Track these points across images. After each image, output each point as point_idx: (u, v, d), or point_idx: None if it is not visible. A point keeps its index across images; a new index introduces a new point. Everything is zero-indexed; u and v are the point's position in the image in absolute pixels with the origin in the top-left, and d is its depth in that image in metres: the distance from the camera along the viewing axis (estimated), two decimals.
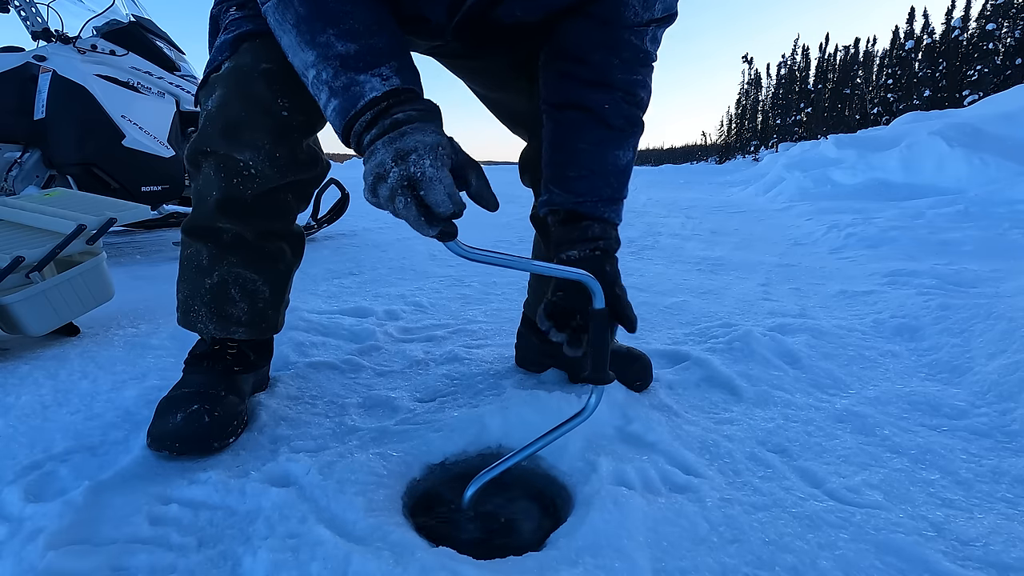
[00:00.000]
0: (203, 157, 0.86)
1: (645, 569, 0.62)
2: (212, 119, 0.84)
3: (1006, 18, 26.95)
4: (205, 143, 0.85)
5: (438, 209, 0.60)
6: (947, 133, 5.91)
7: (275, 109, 0.83)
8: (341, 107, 0.67)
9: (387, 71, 0.67)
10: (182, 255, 0.94)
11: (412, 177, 0.60)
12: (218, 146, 0.84)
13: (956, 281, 2.01)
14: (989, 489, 0.81)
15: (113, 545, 0.65)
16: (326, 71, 0.67)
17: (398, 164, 0.60)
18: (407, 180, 0.60)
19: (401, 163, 0.60)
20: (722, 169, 19.60)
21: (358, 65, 0.66)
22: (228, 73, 0.84)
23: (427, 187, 0.59)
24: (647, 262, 2.64)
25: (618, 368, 1.06)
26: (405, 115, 0.65)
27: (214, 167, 0.86)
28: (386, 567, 0.61)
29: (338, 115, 0.68)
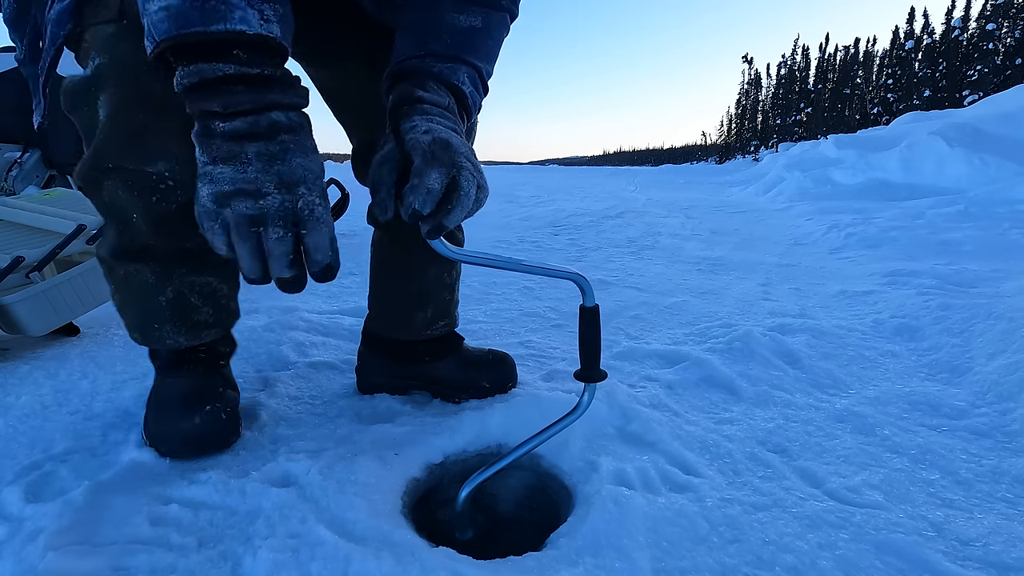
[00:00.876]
0: (105, 176, 0.70)
1: (645, 569, 0.62)
2: (106, 130, 0.68)
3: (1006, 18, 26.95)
4: (104, 159, 0.69)
5: (317, 256, 0.54)
6: (947, 133, 5.91)
7: (178, 103, 0.56)
8: (181, 13, 0.49)
9: (269, 10, 0.52)
10: (114, 278, 0.81)
11: (299, 214, 0.53)
12: (122, 160, 0.69)
13: (956, 281, 2.01)
14: (989, 489, 0.81)
15: (113, 545, 0.65)
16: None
17: (282, 192, 0.52)
18: (292, 216, 0.52)
19: (287, 193, 0.52)
20: (722, 169, 19.60)
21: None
22: (108, 71, 0.67)
23: (313, 229, 0.53)
24: (647, 262, 2.64)
25: (490, 372, 1.04)
26: (287, 118, 0.53)
27: (123, 185, 0.71)
28: (386, 567, 0.61)
29: (171, 18, 0.49)
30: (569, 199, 6.41)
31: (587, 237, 3.44)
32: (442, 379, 1.04)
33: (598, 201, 5.98)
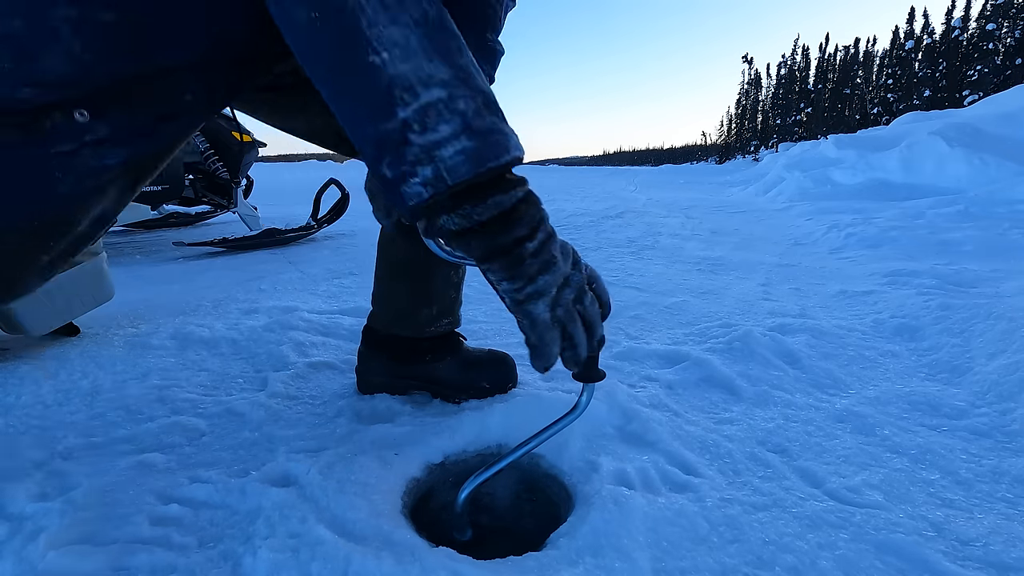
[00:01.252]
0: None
1: (645, 569, 0.62)
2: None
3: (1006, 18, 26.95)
4: None
5: (608, 300, 0.61)
6: (947, 133, 5.91)
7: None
8: (476, 151, 0.49)
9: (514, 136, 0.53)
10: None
11: (592, 276, 0.59)
12: None
13: (956, 281, 2.01)
14: (989, 489, 0.81)
15: (114, 545, 0.65)
16: (466, 101, 0.49)
17: (576, 269, 0.57)
18: (590, 279, 0.59)
19: (576, 269, 0.57)
20: (722, 169, 19.59)
21: (499, 113, 0.52)
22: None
23: (598, 278, 0.59)
24: (647, 262, 2.64)
25: (490, 373, 1.04)
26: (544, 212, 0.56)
27: None
28: (386, 567, 0.61)
29: (469, 161, 0.49)
30: (569, 199, 6.41)
31: (587, 237, 3.44)
32: (443, 379, 1.04)
33: (598, 201, 5.98)
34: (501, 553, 0.68)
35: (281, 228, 3.17)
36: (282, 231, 3.14)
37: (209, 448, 0.88)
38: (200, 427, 0.94)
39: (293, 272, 2.32)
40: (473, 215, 0.51)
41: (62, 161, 0.56)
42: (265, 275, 2.22)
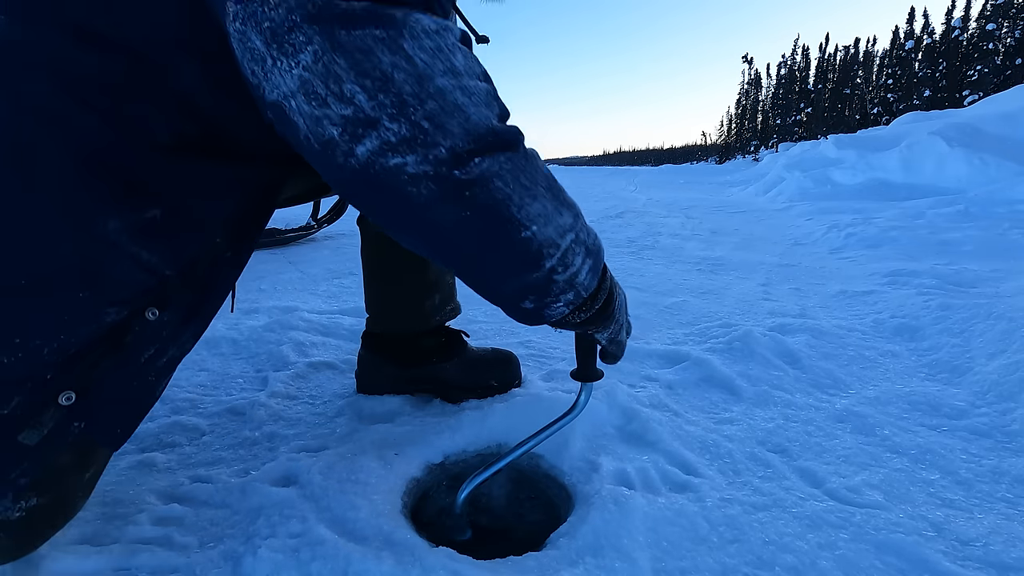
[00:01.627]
0: None
1: (645, 569, 0.62)
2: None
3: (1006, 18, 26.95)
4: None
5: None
6: (947, 133, 5.91)
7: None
8: (595, 263, 0.60)
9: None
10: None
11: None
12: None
13: (956, 281, 2.01)
14: (989, 489, 0.82)
15: (115, 544, 0.65)
16: (583, 231, 0.57)
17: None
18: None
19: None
20: (722, 169, 19.59)
21: (578, 211, 0.59)
22: None
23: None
24: (647, 262, 2.64)
25: (497, 371, 1.05)
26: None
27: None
28: (386, 567, 0.61)
29: (593, 274, 0.59)
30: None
31: None
32: (450, 380, 1.04)
33: (598, 201, 5.98)
34: (501, 553, 0.68)
35: (281, 228, 3.16)
36: (282, 231, 3.14)
37: (209, 448, 0.88)
38: (201, 427, 0.94)
39: (293, 272, 2.32)
40: (595, 307, 0.62)
41: (151, 366, 0.59)
42: (265, 275, 2.22)
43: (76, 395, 0.54)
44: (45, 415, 0.53)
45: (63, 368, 0.53)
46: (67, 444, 0.56)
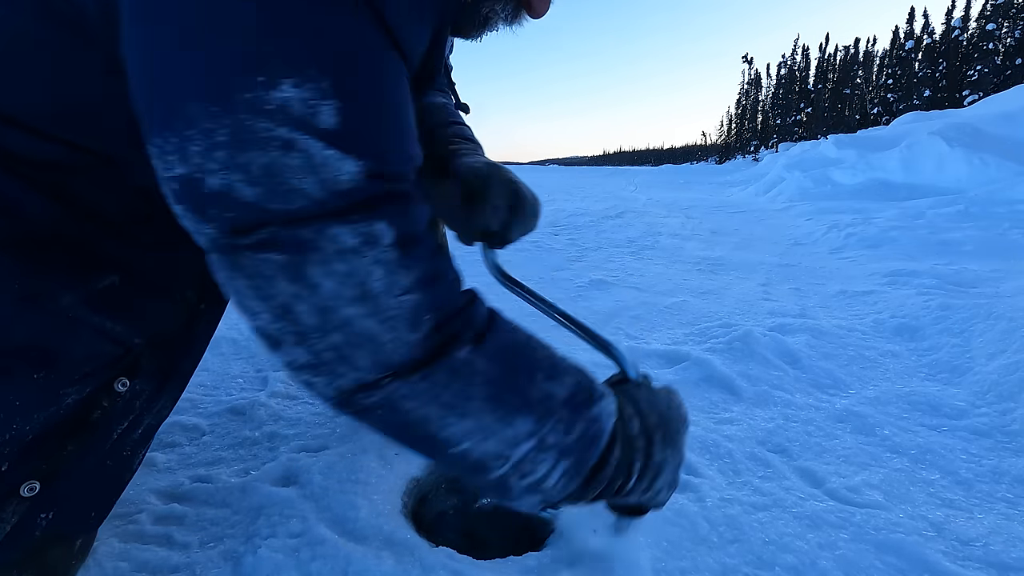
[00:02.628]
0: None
1: (645, 569, 0.62)
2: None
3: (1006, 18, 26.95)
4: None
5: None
6: (947, 133, 5.91)
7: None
8: (576, 464, 0.48)
9: (596, 382, 0.52)
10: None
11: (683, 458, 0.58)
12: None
13: (956, 281, 2.01)
14: (989, 489, 0.82)
15: (116, 544, 0.65)
16: (555, 432, 0.46)
17: (685, 431, 0.56)
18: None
19: (685, 429, 0.57)
20: (722, 169, 19.60)
21: (585, 397, 0.49)
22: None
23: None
24: (647, 262, 2.64)
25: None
26: (640, 423, 0.53)
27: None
28: (387, 567, 0.61)
29: (570, 476, 0.48)
30: (569, 199, 6.41)
31: (587, 237, 3.44)
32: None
33: (598, 201, 5.98)
34: (501, 553, 0.68)
35: None
36: None
37: (210, 448, 0.88)
38: (201, 427, 0.94)
39: None
40: (583, 499, 0.51)
41: (125, 441, 0.56)
42: None
43: (40, 484, 0.49)
44: (6, 510, 0.48)
45: (21, 457, 0.48)
46: (34, 538, 0.51)
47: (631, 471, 0.51)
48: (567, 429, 0.47)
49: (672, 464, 0.54)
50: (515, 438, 0.45)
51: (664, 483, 0.54)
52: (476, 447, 0.45)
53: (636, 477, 0.51)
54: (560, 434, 0.47)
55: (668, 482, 0.55)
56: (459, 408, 0.44)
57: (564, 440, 0.47)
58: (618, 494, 0.52)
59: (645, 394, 0.56)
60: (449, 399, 0.44)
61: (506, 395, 0.45)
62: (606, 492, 0.51)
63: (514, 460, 0.46)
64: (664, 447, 0.53)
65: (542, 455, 0.46)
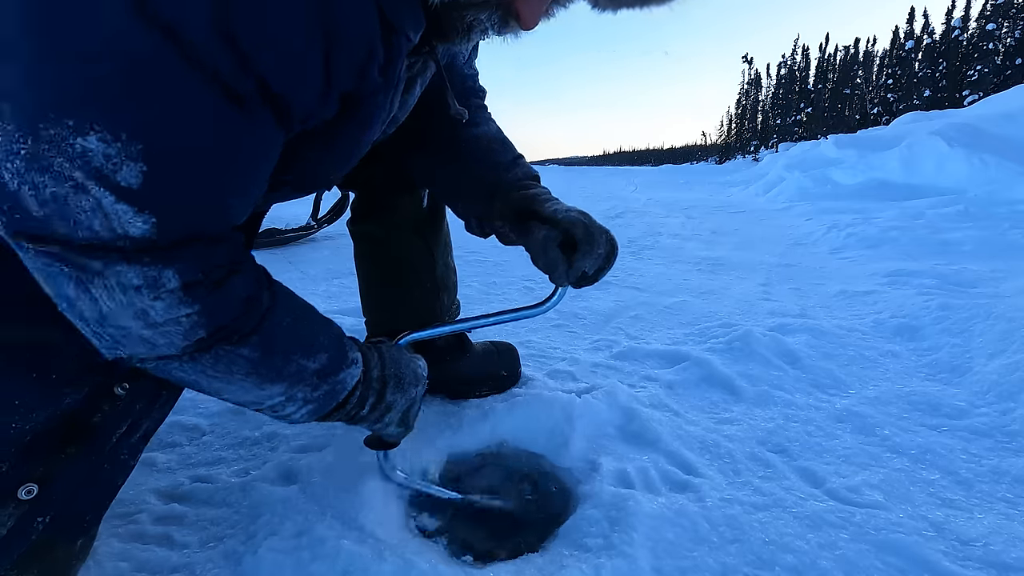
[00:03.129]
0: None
1: (645, 569, 0.62)
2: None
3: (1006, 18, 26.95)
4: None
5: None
6: (947, 133, 5.91)
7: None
8: (317, 409, 0.62)
9: (351, 353, 0.64)
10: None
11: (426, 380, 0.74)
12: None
13: (956, 281, 2.01)
14: (989, 489, 0.82)
15: (116, 544, 0.65)
16: (302, 391, 0.59)
17: (417, 385, 0.71)
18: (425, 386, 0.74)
19: (417, 383, 0.72)
20: (722, 169, 19.60)
21: (335, 367, 0.61)
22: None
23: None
24: (647, 262, 2.64)
25: (504, 362, 1.08)
26: (379, 372, 0.68)
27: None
28: (387, 567, 0.61)
29: (311, 414, 0.62)
30: (569, 199, 6.40)
31: None
32: (463, 375, 1.04)
33: (598, 201, 5.98)
34: (502, 552, 0.68)
35: (281, 228, 3.17)
36: (282, 231, 3.14)
37: (210, 447, 0.88)
38: (201, 426, 0.94)
39: (293, 272, 2.32)
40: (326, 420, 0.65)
41: (123, 444, 0.57)
42: None
43: (39, 487, 0.49)
44: (2, 513, 0.48)
45: (20, 459, 0.48)
46: (30, 542, 0.51)
47: (364, 404, 0.66)
48: (314, 389, 0.60)
49: (400, 406, 0.69)
50: (269, 396, 0.58)
51: (393, 419, 0.69)
52: (237, 399, 0.57)
53: (369, 409, 0.67)
54: (307, 392, 0.60)
55: (396, 420, 0.70)
56: (223, 379, 0.54)
57: (310, 395, 0.60)
58: (353, 419, 0.67)
59: (393, 353, 0.71)
60: (214, 374, 0.53)
61: (263, 371, 0.55)
62: (340, 416, 0.65)
63: (267, 406, 0.59)
64: (395, 391, 0.68)
65: (291, 404, 0.59)
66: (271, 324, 0.55)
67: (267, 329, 0.55)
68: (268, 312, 0.55)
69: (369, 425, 0.69)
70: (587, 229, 0.75)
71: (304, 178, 0.67)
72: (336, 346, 0.62)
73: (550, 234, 0.76)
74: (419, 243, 1.00)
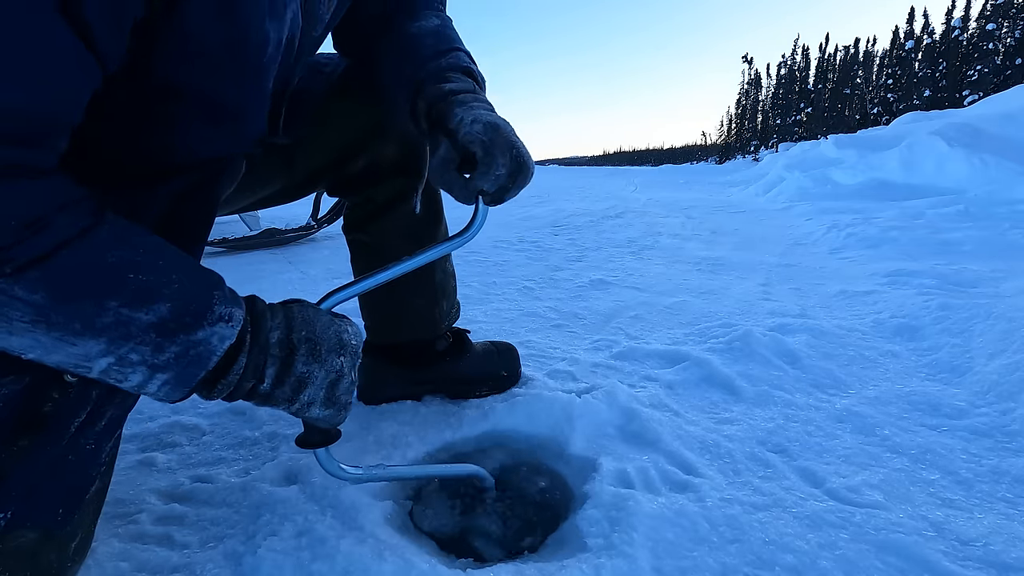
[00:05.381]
0: None
1: (645, 569, 0.62)
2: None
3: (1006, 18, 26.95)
4: None
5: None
6: (947, 133, 5.90)
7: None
8: (177, 379, 0.51)
9: (220, 307, 0.52)
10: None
11: (357, 349, 0.61)
12: None
13: (956, 281, 2.01)
14: (989, 489, 0.82)
15: (116, 544, 0.65)
16: (138, 352, 0.48)
17: (342, 354, 0.59)
18: (356, 356, 0.61)
19: (343, 352, 0.59)
20: (722, 169, 19.60)
21: (186, 323, 0.49)
22: None
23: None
24: (647, 262, 2.64)
25: (505, 361, 1.08)
26: (283, 335, 0.56)
27: None
28: (387, 567, 0.61)
29: (172, 386, 0.51)
30: (569, 199, 6.41)
31: (587, 237, 3.44)
32: (463, 375, 1.04)
33: (598, 201, 5.98)
34: (502, 552, 0.68)
35: (281, 228, 3.17)
36: (282, 231, 3.14)
37: (210, 447, 0.89)
38: (201, 426, 0.94)
39: (293, 272, 2.32)
40: (214, 397, 0.54)
41: (86, 433, 0.54)
42: (265, 275, 2.22)
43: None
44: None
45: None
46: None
47: (263, 376, 0.55)
48: (157, 350, 0.49)
49: (319, 379, 0.57)
50: (86, 355, 0.47)
51: (313, 397, 0.57)
52: (44, 358, 0.46)
53: (272, 383, 0.55)
54: (147, 354, 0.48)
55: (320, 398, 0.57)
56: (3, 327, 0.44)
57: (156, 359, 0.49)
58: (255, 396, 0.56)
59: (306, 314, 0.58)
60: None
61: (56, 319, 0.45)
62: (237, 393, 0.55)
63: (97, 370, 0.48)
64: (309, 361, 0.56)
65: (128, 369, 0.48)
66: (71, 259, 0.45)
67: (61, 264, 0.44)
68: (68, 244, 0.44)
69: (287, 407, 0.57)
70: (486, 148, 0.67)
71: (203, 102, 0.57)
72: (190, 297, 0.50)
73: (448, 155, 0.70)
74: (414, 248, 1.00)
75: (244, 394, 0.55)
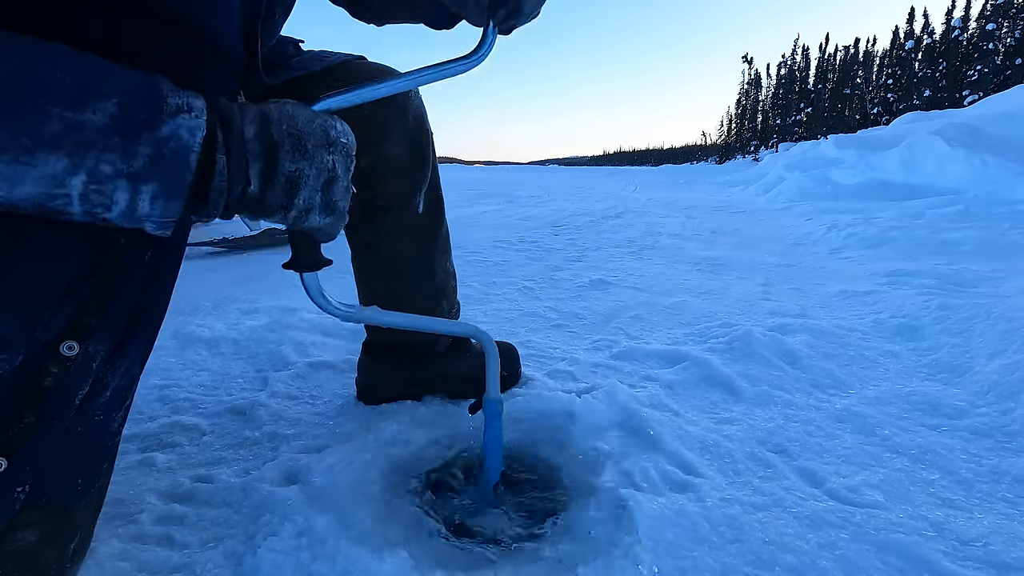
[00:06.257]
0: None
1: (645, 569, 0.62)
2: None
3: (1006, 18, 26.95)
4: None
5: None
6: (947, 133, 5.91)
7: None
8: (167, 187, 0.45)
9: (174, 98, 0.46)
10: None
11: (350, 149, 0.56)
12: None
13: (956, 281, 2.01)
14: (989, 489, 0.82)
15: (116, 544, 0.65)
16: (108, 161, 0.42)
17: (332, 152, 0.53)
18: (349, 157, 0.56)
19: (332, 150, 0.53)
20: (722, 169, 19.60)
21: (142, 120, 0.44)
22: None
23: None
24: (647, 262, 2.64)
25: (505, 361, 1.06)
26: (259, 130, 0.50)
27: None
28: (388, 567, 0.61)
29: (164, 198, 0.45)
30: (569, 199, 6.41)
31: (587, 237, 3.44)
32: (463, 376, 1.03)
33: (598, 201, 5.98)
34: (502, 552, 0.68)
35: (281, 228, 3.16)
36: (282, 231, 3.14)
37: (210, 448, 0.89)
38: (201, 427, 0.94)
39: (293, 272, 2.32)
40: (212, 214, 0.50)
41: (92, 404, 0.53)
42: (265, 275, 2.22)
43: (7, 460, 0.48)
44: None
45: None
46: (14, 512, 0.49)
47: (247, 175, 0.49)
48: (127, 155, 0.43)
49: (311, 179, 0.52)
50: (54, 176, 0.41)
51: (310, 201, 0.52)
52: (13, 194, 0.41)
53: (261, 183, 0.50)
54: (119, 162, 0.43)
55: (318, 202, 0.53)
56: None
57: (130, 167, 0.43)
58: (248, 204, 0.50)
59: (285, 109, 0.52)
60: None
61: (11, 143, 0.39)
62: (231, 199, 0.49)
63: (77, 197, 0.42)
64: (296, 157, 0.51)
65: (109, 186, 0.43)
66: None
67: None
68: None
69: (283, 217, 0.52)
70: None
71: (163, 14, 0.52)
72: (135, 90, 0.44)
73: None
74: (417, 252, 1.00)
75: (237, 200, 0.50)
